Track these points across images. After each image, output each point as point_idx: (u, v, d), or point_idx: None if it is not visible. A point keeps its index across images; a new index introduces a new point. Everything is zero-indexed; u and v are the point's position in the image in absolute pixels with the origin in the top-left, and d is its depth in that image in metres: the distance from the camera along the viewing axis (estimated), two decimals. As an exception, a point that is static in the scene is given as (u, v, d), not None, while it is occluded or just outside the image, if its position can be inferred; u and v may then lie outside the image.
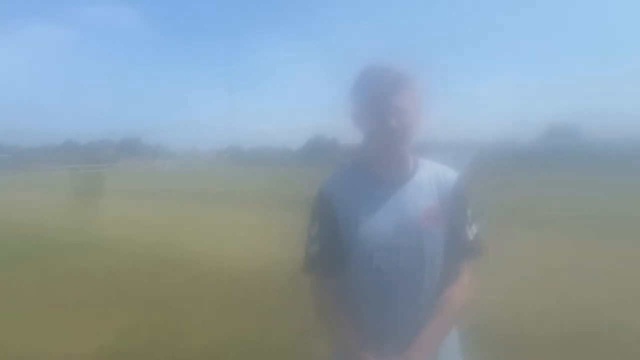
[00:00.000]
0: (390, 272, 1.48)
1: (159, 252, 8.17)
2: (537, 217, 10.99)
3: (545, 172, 27.55)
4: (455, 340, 1.62)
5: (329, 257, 1.52)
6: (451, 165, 1.66)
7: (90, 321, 4.90)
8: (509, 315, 4.56)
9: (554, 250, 7.52)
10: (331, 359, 1.61)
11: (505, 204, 12.63)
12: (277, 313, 4.91)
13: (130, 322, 4.81)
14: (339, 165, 1.67)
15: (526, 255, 7.13)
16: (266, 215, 12.41)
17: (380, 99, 1.45)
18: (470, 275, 1.59)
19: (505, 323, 4.35)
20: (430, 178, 1.57)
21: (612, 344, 3.95)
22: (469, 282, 1.58)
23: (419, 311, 1.50)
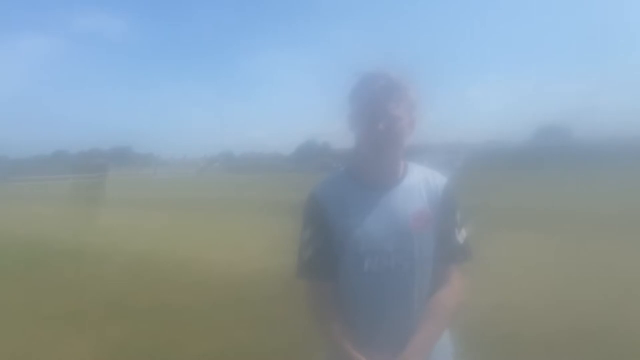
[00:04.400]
0: (381, 275, 1.50)
1: (152, 261, 8.14)
2: (529, 217, 11.04)
3: (536, 172, 27.72)
4: (448, 342, 1.63)
5: (321, 262, 1.54)
6: (443, 167, 1.68)
7: (83, 330, 4.87)
8: (502, 317, 4.58)
9: (545, 250, 7.56)
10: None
11: (497, 205, 12.70)
12: (271, 319, 4.90)
13: (124, 331, 4.78)
14: (330, 170, 1.68)
15: (518, 256, 7.17)
16: (258, 222, 12.39)
17: (372, 105, 1.47)
18: (460, 279, 1.60)
19: (498, 324, 4.37)
20: (419, 182, 1.59)
21: (604, 342, 3.97)
22: (460, 285, 1.59)
23: (411, 314, 1.52)
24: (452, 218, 1.60)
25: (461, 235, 1.60)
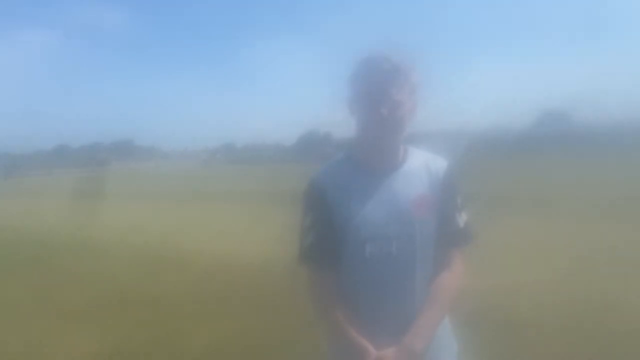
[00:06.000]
0: (382, 261, 1.49)
1: (157, 253, 8.18)
2: (530, 203, 11.03)
3: (537, 158, 27.62)
4: (449, 326, 1.64)
5: (323, 248, 1.53)
6: (443, 154, 1.68)
7: (91, 323, 4.91)
8: (503, 301, 4.60)
9: (546, 236, 7.57)
10: (329, 349, 1.63)
11: (498, 192, 12.68)
12: (276, 309, 4.93)
13: (131, 324, 4.82)
14: (331, 158, 1.68)
15: (518, 242, 7.17)
16: (262, 213, 12.39)
17: (376, 89, 1.45)
18: (461, 262, 1.60)
19: (498, 308, 4.39)
20: (420, 166, 1.58)
21: (606, 325, 3.99)
22: (461, 269, 1.59)
23: (413, 299, 1.51)
24: (453, 202, 1.59)
25: (462, 219, 1.60)
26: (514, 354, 3.59)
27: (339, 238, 1.52)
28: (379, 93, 1.45)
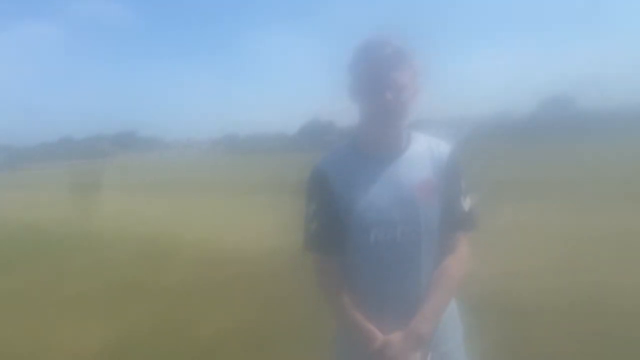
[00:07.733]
0: (387, 246, 1.49)
1: (160, 244, 8.21)
2: (533, 188, 11.00)
3: (541, 143, 27.49)
4: (455, 310, 1.64)
5: (327, 235, 1.53)
6: (446, 140, 1.66)
7: (95, 315, 4.94)
8: (507, 286, 4.61)
9: (550, 221, 7.56)
10: (336, 335, 1.64)
11: (501, 177, 12.64)
12: (280, 299, 4.95)
13: (136, 315, 4.85)
14: (334, 146, 1.67)
15: (523, 227, 7.17)
16: (265, 203, 12.41)
17: (378, 73, 1.43)
18: (467, 246, 1.59)
19: (503, 293, 4.40)
20: (424, 151, 1.57)
21: (610, 307, 4.00)
22: (466, 253, 1.58)
23: (419, 284, 1.51)
24: (457, 186, 1.57)
25: (467, 203, 1.58)
26: (519, 338, 3.60)
27: (343, 224, 1.51)
28: (382, 77, 1.43)
